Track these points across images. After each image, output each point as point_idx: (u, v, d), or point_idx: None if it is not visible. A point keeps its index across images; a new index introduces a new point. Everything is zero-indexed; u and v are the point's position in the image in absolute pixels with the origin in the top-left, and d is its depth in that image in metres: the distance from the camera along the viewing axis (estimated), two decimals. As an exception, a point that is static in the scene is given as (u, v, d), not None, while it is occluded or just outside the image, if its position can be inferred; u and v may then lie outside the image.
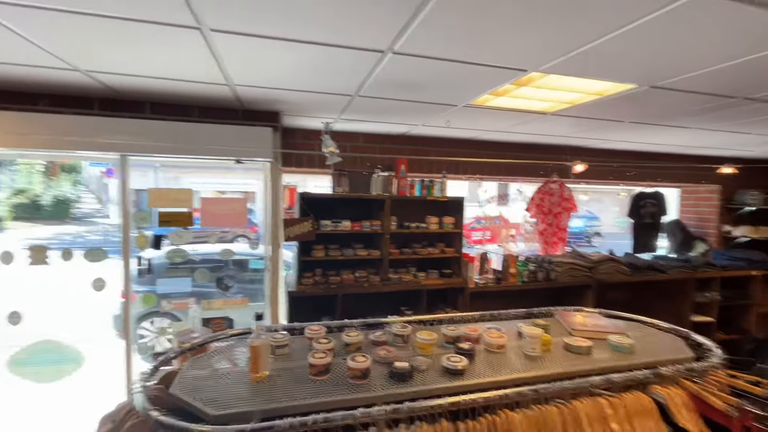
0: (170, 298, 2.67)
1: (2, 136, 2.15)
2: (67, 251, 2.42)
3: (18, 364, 2.41)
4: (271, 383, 1.33)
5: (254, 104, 2.57)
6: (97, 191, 20.69)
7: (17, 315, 2.35)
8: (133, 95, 2.39)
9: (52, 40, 1.55)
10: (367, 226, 2.95)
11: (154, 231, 2.65)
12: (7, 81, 2.12)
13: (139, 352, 4.57)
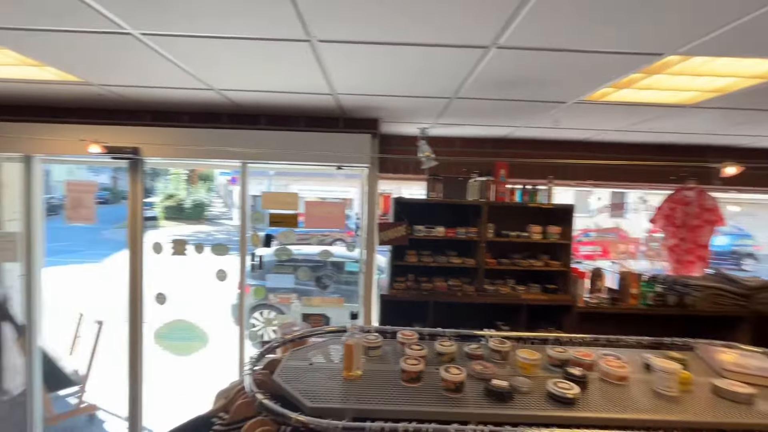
0: (276, 292, 2.93)
1: (156, 148, 2.61)
2: (199, 246, 2.82)
3: (161, 337, 2.89)
4: (363, 383, 1.33)
5: (355, 112, 2.69)
6: (224, 197, 24.19)
7: (162, 296, 2.81)
8: (253, 109, 2.70)
9: (194, 63, 1.82)
10: (462, 233, 2.84)
11: (265, 231, 2.95)
12: (161, 102, 2.58)
13: (249, 338, 5.14)
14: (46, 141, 2.64)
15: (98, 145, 2.37)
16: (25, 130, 2.61)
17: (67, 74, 2.04)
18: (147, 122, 2.80)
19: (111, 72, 2.00)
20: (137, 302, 2.76)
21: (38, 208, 2.82)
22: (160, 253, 2.81)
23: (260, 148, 2.66)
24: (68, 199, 2.80)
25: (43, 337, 2.96)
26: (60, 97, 2.55)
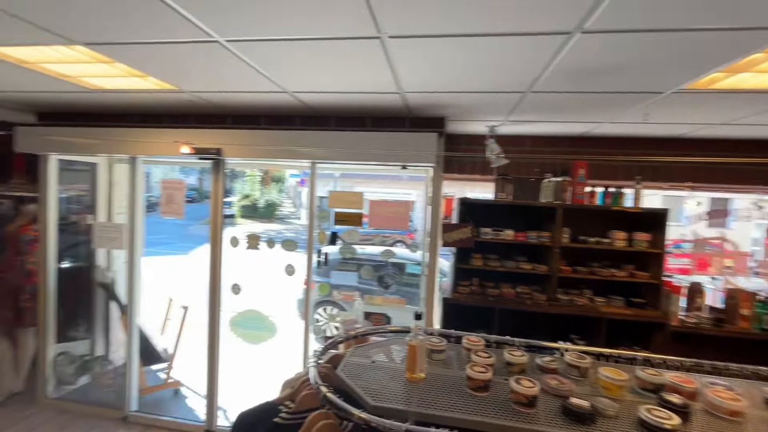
0: (340, 289, 2.99)
1: (236, 149, 2.82)
2: (271, 241, 2.99)
3: (235, 324, 3.10)
4: (426, 386, 1.29)
5: (421, 111, 2.65)
6: (293, 197, 25.66)
7: (238, 287, 3.03)
8: (323, 111, 2.80)
9: (270, 66, 1.92)
10: (533, 237, 2.66)
11: (331, 229, 3.03)
12: (241, 106, 2.79)
13: (313, 332, 5.34)
14: (146, 143, 2.99)
15: (188, 146, 2.63)
16: (131, 134, 2.98)
17: (165, 83, 2.28)
18: (228, 125, 3.04)
19: (199, 79, 2.19)
20: (216, 291, 3.00)
21: (140, 203, 3.21)
22: (237, 246, 3.03)
23: (329, 148, 2.74)
24: (163, 196, 3.14)
25: (140, 316, 3.34)
26: (158, 105, 2.88)
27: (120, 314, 3.75)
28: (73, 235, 3.68)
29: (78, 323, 3.72)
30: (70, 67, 2.09)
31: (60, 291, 3.45)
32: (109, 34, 1.61)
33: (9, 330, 3.40)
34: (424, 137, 2.59)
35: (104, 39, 1.67)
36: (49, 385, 3.41)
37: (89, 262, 3.79)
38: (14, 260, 3.37)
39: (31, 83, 2.41)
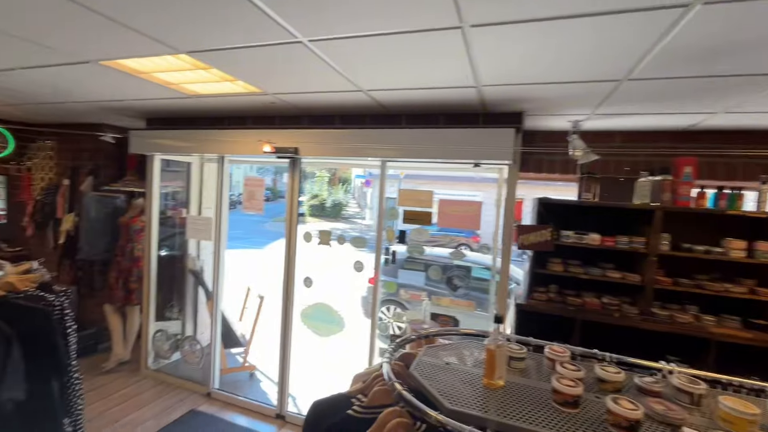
0: (407, 289, 2.97)
1: (311, 147, 2.94)
2: (341, 238, 3.07)
3: (306, 317, 3.23)
4: (505, 395, 1.20)
5: (497, 106, 2.53)
6: (358, 198, 26.37)
7: (310, 280, 3.15)
8: (395, 109, 2.80)
9: (347, 65, 1.96)
10: (624, 242, 2.38)
11: (398, 227, 3.02)
12: (317, 107, 2.89)
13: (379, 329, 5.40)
14: (232, 143, 3.25)
15: (269, 145, 2.81)
16: (220, 135, 3.26)
17: (251, 86, 2.45)
18: (304, 125, 3.18)
19: (282, 81, 2.32)
20: (290, 283, 3.16)
21: (226, 199, 3.50)
22: (310, 242, 3.16)
23: (401, 145, 2.73)
24: (245, 192, 3.40)
25: (223, 303, 3.65)
26: (243, 107, 3.11)
27: (206, 300, 4.13)
28: (170, 227, 4.14)
29: (172, 305, 4.18)
30: (174, 75, 2.33)
31: (159, 275, 3.90)
32: (207, 41, 1.76)
33: (120, 307, 3.93)
34: (501, 133, 2.46)
35: (203, 47, 1.83)
36: (150, 357, 3.87)
37: (182, 251, 4.24)
38: (126, 247, 3.89)
39: (143, 92, 2.75)
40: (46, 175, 4.54)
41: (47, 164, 4.54)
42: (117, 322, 3.94)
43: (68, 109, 3.55)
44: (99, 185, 4.19)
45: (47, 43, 1.88)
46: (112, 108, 3.42)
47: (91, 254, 4.00)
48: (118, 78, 2.40)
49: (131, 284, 3.84)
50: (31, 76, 2.49)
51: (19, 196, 4.65)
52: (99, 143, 4.26)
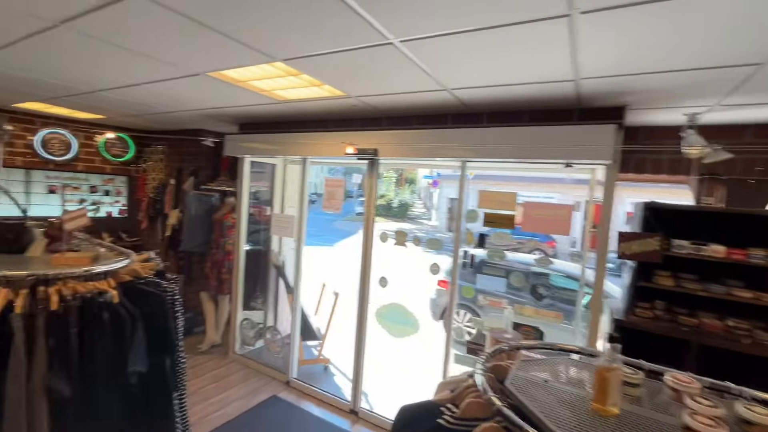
0: (486, 294, 2.84)
1: (390, 148, 2.95)
2: (417, 239, 3.04)
3: (380, 316, 3.27)
4: (619, 425, 1.06)
5: (595, 100, 2.30)
6: (424, 199, 26.26)
7: (385, 280, 3.18)
8: (477, 108, 2.70)
9: (435, 64, 1.92)
10: (759, 256, 2.01)
11: (475, 230, 2.91)
12: (396, 108, 2.90)
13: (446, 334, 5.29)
14: (314, 145, 3.40)
15: (352, 147, 2.89)
16: (303, 138, 3.44)
17: (337, 90, 2.53)
18: (383, 127, 3.21)
19: (367, 84, 2.35)
20: (366, 282, 3.22)
21: (306, 199, 3.67)
22: (385, 242, 3.18)
23: (483, 145, 2.63)
24: (325, 192, 3.53)
25: (301, 297, 3.84)
26: (325, 111, 3.23)
27: (286, 293, 4.39)
28: (253, 223, 4.47)
29: (257, 296, 4.51)
30: (267, 82, 2.50)
31: (245, 268, 4.23)
32: (301, 49, 1.84)
33: (213, 295, 4.34)
34: (599, 130, 2.24)
35: (297, 54, 1.92)
36: (237, 343, 4.22)
37: (265, 247, 4.55)
38: (219, 241, 4.29)
39: (239, 99, 2.99)
40: (157, 176, 5.19)
41: (158, 166, 5.19)
42: (211, 309, 4.37)
43: (176, 117, 4.01)
44: (198, 185, 4.68)
45: (167, 59, 2.12)
46: (211, 115, 3.79)
47: (191, 246, 4.48)
48: (220, 87, 2.63)
49: (223, 275, 4.22)
50: (152, 90, 2.84)
51: (137, 194, 5.38)
52: (199, 147, 4.76)
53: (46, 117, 4.57)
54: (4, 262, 2.00)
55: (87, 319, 1.81)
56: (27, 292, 1.73)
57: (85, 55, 2.15)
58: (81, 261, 2.08)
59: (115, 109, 3.90)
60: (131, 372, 1.93)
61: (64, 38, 1.90)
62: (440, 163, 3.17)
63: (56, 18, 1.68)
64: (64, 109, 4.09)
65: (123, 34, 1.81)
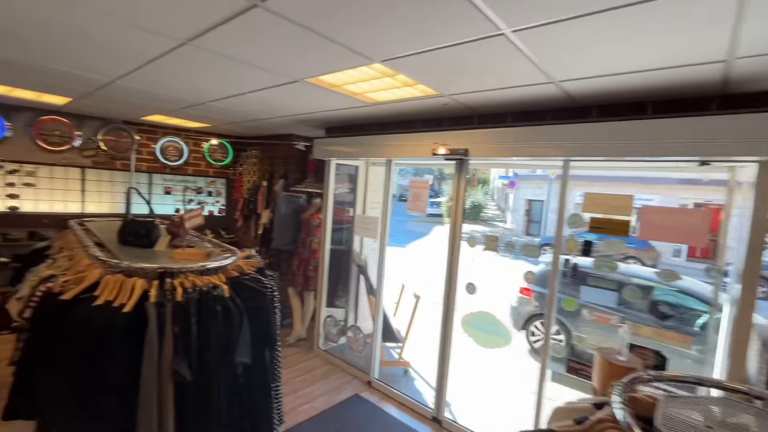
0: (591, 308, 2.54)
1: (482, 147, 2.79)
2: (510, 244, 2.84)
3: (467, 324, 3.12)
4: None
5: (747, 84, 1.91)
6: (498, 200, 25.13)
7: (473, 286, 3.02)
8: (585, 100, 2.42)
9: (546, 54, 1.74)
10: None
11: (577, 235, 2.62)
12: (489, 105, 2.73)
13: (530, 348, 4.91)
14: (401, 146, 3.36)
15: (444, 147, 2.79)
16: (388, 140, 3.43)
17: (430, 89, 2.46)
18: (474, 126, 3.06)
19: (462, 81, 2.24)
20: (451, 287, 3.09)
21: (390, 200, 3.66)
22: (473, 246, 3.03)
23: (591, 141, 2.35)
24: (410, 194, 3.49)
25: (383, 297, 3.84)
26: (413, 111, 3.18)
27: (367, 292, 4.44)
28: (335, 223, 4.60)
29: (339, 294, 4.64)
30: (361, 85, 2.52)
31: (329, 267, 4.37)
32: (401, 47, 1.79)
33: (300, 291, 4.56)
34: (754, 120, 1.85)
35: (395, 54, 1.88)
36: (321, 339, 4.38)
37: (347, 247, 4.66)
38: (306, 240, 4.49)
39: (331, 103, 3.07)
40: (251, 178, 5.63)
41: (252, 169, 5.62)
42: (297, 304, 4.60)
43: (270, 123, 4.30)
44: (288, 186, 4.96)
45: (272, 67, 2.23)
46: (302, 120, 3.98)
47: (281, 244, 4.76)
48: (316, 93, 2.72)
49: (309, 272, 4.41)
50: (253, 98, 3.05)
51: (234, 195, 5.90)
52: (289, 151, 5.05)
53: (165, 127, 5.22)
54: (139, 256, 2.28)
55: (203, 310, 1.97)
56: (157, 284, 1.94)
57: (202, 68, 2.36)
58: (198, 256, 2.28)
59: (219, 118, 4.30)
60: (238, 362, 2.06)
61: (188, 55, 2.10)
62: (538, 163, 2.92)
63: (184, 37, 1.85)
64: (179, 119, 4.63)
65: (237, 47, 1.93)
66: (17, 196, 4.52)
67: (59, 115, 4.56)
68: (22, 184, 4.54)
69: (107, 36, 1.91)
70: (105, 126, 4.83)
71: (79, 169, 4.85)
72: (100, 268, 2.02)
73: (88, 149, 4.79)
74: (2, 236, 4.38)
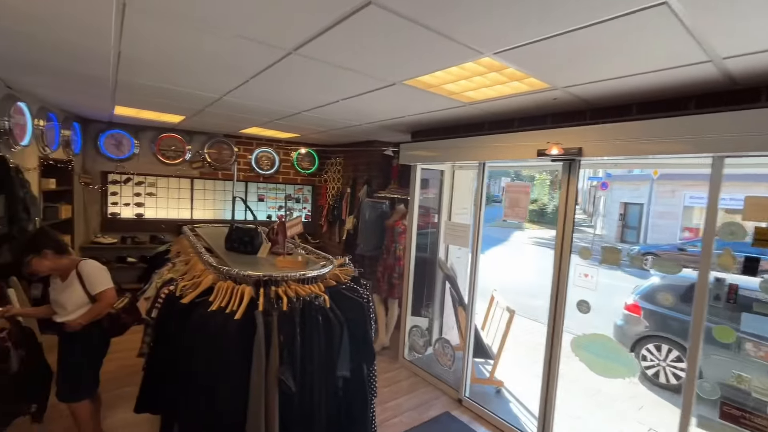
0: (758, 341, 2.03)
1: (599, 145, 2.42)
2: (638, 258, 2.41)
3: (578, 346, 2.73)
4: None
5: None
6: (584, 203, 22.91)
7: (586, 305, 2.63)
8: (751, 82, 1.95)
9: (716, 24, 1.39)
10: None
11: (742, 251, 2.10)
12: (611, 96, 2.36)
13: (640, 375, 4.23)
14: (493, 148, 3.10)
15: (557, 147, 2.48)
16: (482, 142, 3.18)
17: (540, 82, 2.18)
18: (587, 121, 2.69)
19: (584, 70, 1.93)
20: (559, 305, 2.73)
21: (483, 206, 3.41)
22: (588, 258, 2.65)
23: (758, 132, 1.87)
24: (506, 199, 3.20)
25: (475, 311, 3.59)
26: (512, 109, 2.90)
27: (452, 303, 4.21)
28: (421, 230, 4.45)
29: (423, 303, 4.48)
30: (461, 83, 2.33)
31: (414, 274, 4.23)
32: (517, 36, 1.57)
33: (384, 298, 4.50)
34: None
35: (510, 44, 1.67)
36: (406, 349, 4.26)
37: (432, 254, 4.48)
38: (390, 246, 4.41)
39: (423, 105, 2.94)
40: (335, 185, 5.76)
41: (336, 176, 5.75)
42: (381, 311, 4.54)
43: (356, 130, 4.32)
44: (371, 192, 4.96)
45: (370, 71, 2.16)
46: (388, 125, 3.91)
47: (365, 250, 4.76)
48: (412, 95, 2.61)
49: (394, 280, 4.33)
50: (345, 105, 3.05)
51: (319, 201, 6.10)
52: (372, 157, 5.05)
53: (259, 139, 5.59)
54: (244, 262, 2.36)
55: (306, 320, 1.95)
56: (263, 291, 1.96)
57: (302, 79, 2.39)
58: (298, 265, 2.29)
59: (309, 127, 4.44)
60: (339, 376, 2.00)
61: (291, 66, 2.12)
62: (677, 161, 2.45)
63: (291, 46, 1.85)
64: (272, 131, 4.90)
65: (341, 52, 1.88)
66: (142, 204, 5.16)
67: (174, 132, 5.12)
68: (146, 193, 5.18)
69: (218, 51, 1.99)
70: (209, 140, 5.32)
71: (188, 180, 5.40)
72: (213, 274, 2.11)
73: (196, 161, 5.31)
74: (131, 239, 5.03)
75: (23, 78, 2.81)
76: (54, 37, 1.90)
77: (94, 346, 2.40)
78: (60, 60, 2.28)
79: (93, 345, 2.39)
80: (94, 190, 4.89)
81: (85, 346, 2.35)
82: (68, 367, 2.35)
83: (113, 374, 3.34)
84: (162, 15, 1.57)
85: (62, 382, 2.34)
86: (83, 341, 2.33)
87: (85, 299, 2.28)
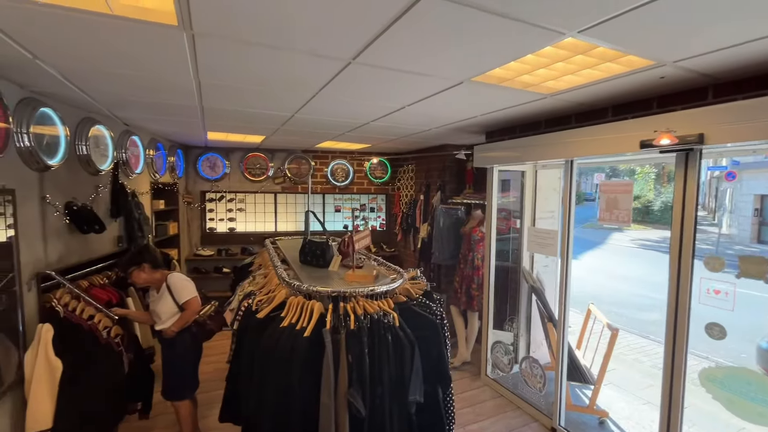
0: None
1: (731, 129, 1.92)
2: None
3: (710, 380, 2.20)
4: None
5: None
6: (701, 197, 19.48)
7: (720, 329, 2.10)
8: None
9: None
10: None
11: None
12: (750, 64, 1.86)
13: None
14: (584, 143, 2.69)
15: (668, 136, 2.04)
16: (569, 136, 2.79)
17: (643, 60, 1.81)
18: (707, 101, 2.18)
19: (706, 36, 1.54)
20: (680, 329, 2.23)
21: (573, 209, 2.99)
22: (718, 271, 2.12)
23: None
24: (603, 200, 2.76)
25: (567, 328, 3.15)
26: (603, 97, 2.49)
27: (542, 318, 3.78)
28: (501, 236, 4.09)
29: (506, 316, 4.11)
30: (539, 72, 2.05)
31: (495, 285, 3.90)
32: (610, 6, 1.29)
33: (462, 311, 4.24)
34: None
35: (601, 16, 1.38)
36: (488, 365, 3.94)
37: (514, 263, 4.10)
38: (467, 255, 4.15)
39: (495, 103, 2.69)
40: (408, 192, 5.67)
41: (409, 183, 5.66)
42: (461, 324, 4.28)
43: (427, 135, 4.17)
44: (445, 199, 4.75)
45: (436, 72, 2.01)
46: (460, 127, 3.69)
47: (441, 259, 4.56)
48: (481, 92, 2.39)
49: (473, 291, 4.05)
50: (413, 111, 2.93)
51: (393, 210, 6.07)
52: (443, 162, 4.85)
53: (333, 152, 5.77)
54: (316, 277, 2.37)
55: (375, 340, 1.85)
56: (331, 307, 1.91)
57: (364, 88, 2.33)
58: (367, 279, 2.21)
59: (378, 137, 4.42)
60: (411, 401, 1.86)
61: (351, 76, 2.07)
62: None
63: (348, 56, 1.79)
64: (344, 143, 5.00)
65: (398, 55, 1.77)
66: (234, 219, 5.66)
67: (258, 151, 5.54)
68: (237, 209, 5.67)
69: (277, 72, 2.03)
70: (289, 156, 5.64)
71: (272, 195, 5.79)
72: (286, 288, 2.14)
73: (278, 177, 5.67)
74: (225, 251, 5.54)
75: (134, 114, 3.24)
76: (145, 75, 2.12)
77: (188, 351, 2.61)
78: (154, 95, 2.56)
79: (187, 349, 2.60)
80: (195, 208, 5.51)
81: (181, 350, 2.58)
82: (171, 369, 2.59)
83: (209, 376, 3.64)
84: (224, 39, 1.63)
85: (166, 383, 2.59)
86: (179, 346, 2.55)
87: (175, 309, 2.49)
